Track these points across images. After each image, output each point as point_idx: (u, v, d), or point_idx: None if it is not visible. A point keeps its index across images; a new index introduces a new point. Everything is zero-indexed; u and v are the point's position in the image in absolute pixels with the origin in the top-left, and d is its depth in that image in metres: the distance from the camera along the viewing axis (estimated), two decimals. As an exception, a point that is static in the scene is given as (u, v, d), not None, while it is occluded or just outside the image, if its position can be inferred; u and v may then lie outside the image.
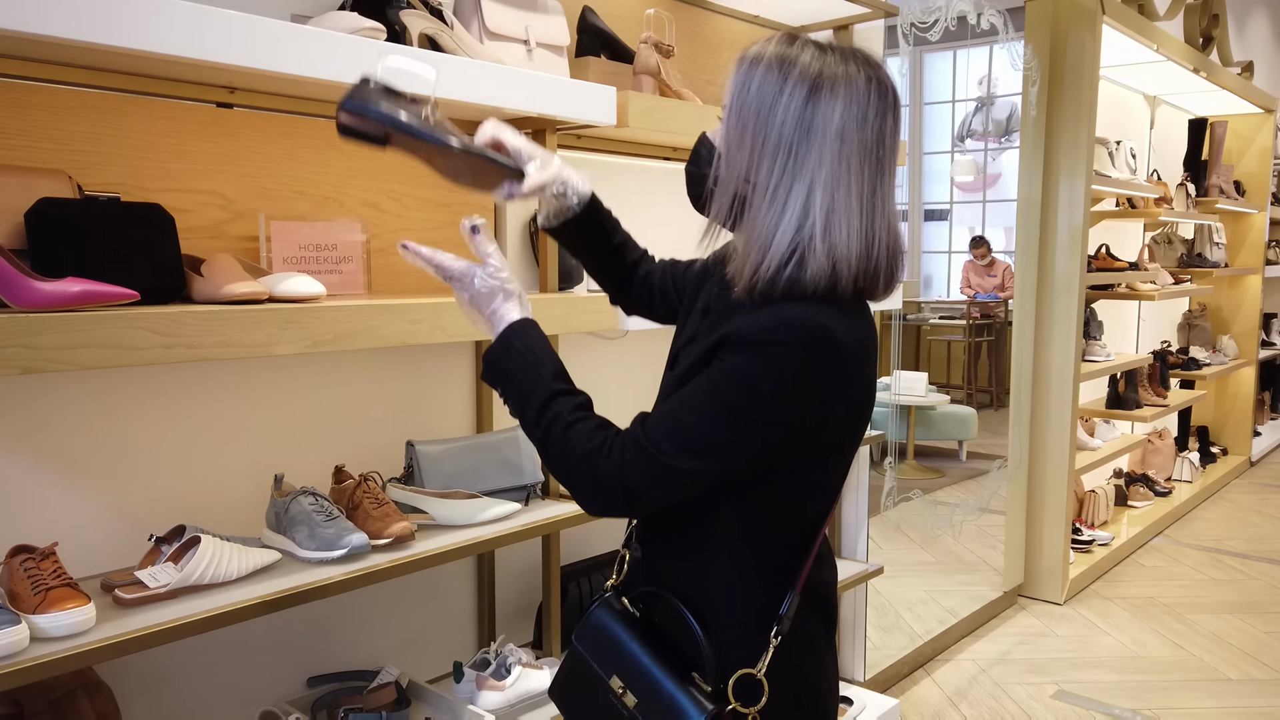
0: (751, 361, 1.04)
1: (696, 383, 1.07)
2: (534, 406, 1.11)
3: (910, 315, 7.25)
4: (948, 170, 8.77)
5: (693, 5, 2.48)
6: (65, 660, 1.23)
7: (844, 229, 1.05)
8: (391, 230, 1.87)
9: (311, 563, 1.54)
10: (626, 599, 1.19)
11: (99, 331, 1.20)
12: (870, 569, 2.78)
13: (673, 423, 1.06)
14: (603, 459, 1.06)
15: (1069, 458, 3.88)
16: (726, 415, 1.04)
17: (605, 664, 1.15)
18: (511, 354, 1.13)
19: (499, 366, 1.14)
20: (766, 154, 1.06)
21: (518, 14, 1.87)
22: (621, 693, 1.12)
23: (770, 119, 1.06)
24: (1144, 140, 5.30)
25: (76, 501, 1.53)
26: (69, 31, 1.17)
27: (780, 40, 1.09)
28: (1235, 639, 3.53)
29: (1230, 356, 5.94)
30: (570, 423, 1.09)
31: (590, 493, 1.09)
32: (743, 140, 1.08)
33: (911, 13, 3.05)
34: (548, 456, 1.11)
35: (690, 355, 1.14)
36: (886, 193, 1.09)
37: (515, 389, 1.13)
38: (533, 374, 1.12)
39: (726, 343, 1.06)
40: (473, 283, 1.16)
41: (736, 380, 1.04)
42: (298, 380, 1.78)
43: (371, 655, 1.94)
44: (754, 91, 1.07)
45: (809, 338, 1.04)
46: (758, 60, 1.08)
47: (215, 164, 1.62)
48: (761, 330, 1.04)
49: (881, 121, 1.07)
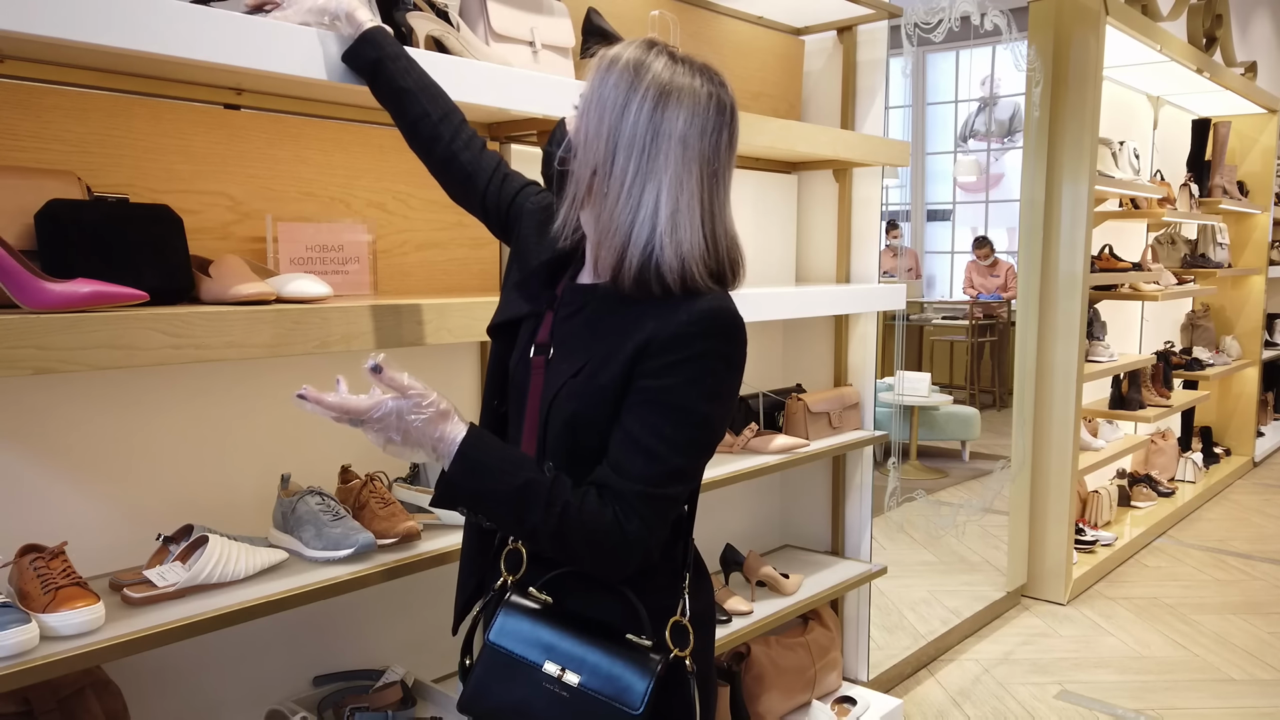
0: (692, 366, 1.12)
1: (645, 411, 1.13)
2: (536, 506, 1.11)
3: (913, 315, 7.25)
4: (950, 170, 8.77)
5: (697, 7, 2.49)
6: (74, 659, 1.23)
7: (688, 228, 1.14)
8: (397, 230, 1.88)
9: (318, 562, 1.55)
10: (534, 589, 1.21)
11: (109, 332, 1.21)
12: (874, 569, 2.79)
13: (649, 459, 1.12)
14: (626, 524, 1.11)
15: (1072, 458, 3.88)
16: (693, 427, 1.14)
17: (534, 654, 1.16)
18: (482, 469, 1.12)
19: (469, 487, 1.13)
20: (620, 150, 1.14)
21: (523, 16, 1.87)
22: (560, 674, 1.15)
23: (624, 118, 1.13)
24: (1147, 141, 5.30)
25: (85, 501, 1.54)
26: (77, 34, 1.17)
27: (639, 45, 1.17)
28: (1239, 639, 3.53)
29: (1233, 357, 5.94)
30: (579, 505, 1.12)
31: (623, 560, 1.13)
32: (599, 133, 1.15)
33: (915, 13, 3.05)
34: (566, 543, 1.12)
35: (596, 362, 1.16)
36: (723, 200, 1.19)
37: (501, 499, 1.12)
38: (515, 477, 1.12)
39: (650, 349, 1.12)
40: (402, 419, 1.10)
41: (689, 389, 1.12)
42: (305, 381, 1.78)
43: (377, 654, 1.94)
44: (610, 89, 1.15)
45: (729, 327, 1.15)
46: (615, 61, 1.16)
47: (223, 165, 1.63)
48: (690, 329, 1.12)
49: (718, 135, 1.16)
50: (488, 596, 1.28)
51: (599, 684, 1.14)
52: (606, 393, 1.15)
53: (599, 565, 1.15)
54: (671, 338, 1.12)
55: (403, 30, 1.62)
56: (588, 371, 1.17)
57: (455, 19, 1.71)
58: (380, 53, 1.41)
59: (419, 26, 1.63)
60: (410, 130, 1.46)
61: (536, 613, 1.19)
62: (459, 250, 1.99)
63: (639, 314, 1.15)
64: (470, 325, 1.63)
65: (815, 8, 2.66)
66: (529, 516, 1.11)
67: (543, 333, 1.25)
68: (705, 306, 1.14)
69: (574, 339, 1.22)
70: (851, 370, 2.88)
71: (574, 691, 1.13)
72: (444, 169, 1.47)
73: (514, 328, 1.31)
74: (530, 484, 1.11)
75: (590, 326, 1.21)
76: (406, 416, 1.09)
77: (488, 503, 1.14)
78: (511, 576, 1.24)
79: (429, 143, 1.45)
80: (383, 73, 1.42)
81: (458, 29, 1.70)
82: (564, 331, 1.23)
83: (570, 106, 1.25)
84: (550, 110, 1.75)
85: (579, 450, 1.17)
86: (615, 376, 1.14)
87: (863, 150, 2.57)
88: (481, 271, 2.04)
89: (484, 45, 1.77)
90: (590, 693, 1.13)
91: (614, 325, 1.17)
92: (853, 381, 2.87)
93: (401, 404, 1.09)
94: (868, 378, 2.86)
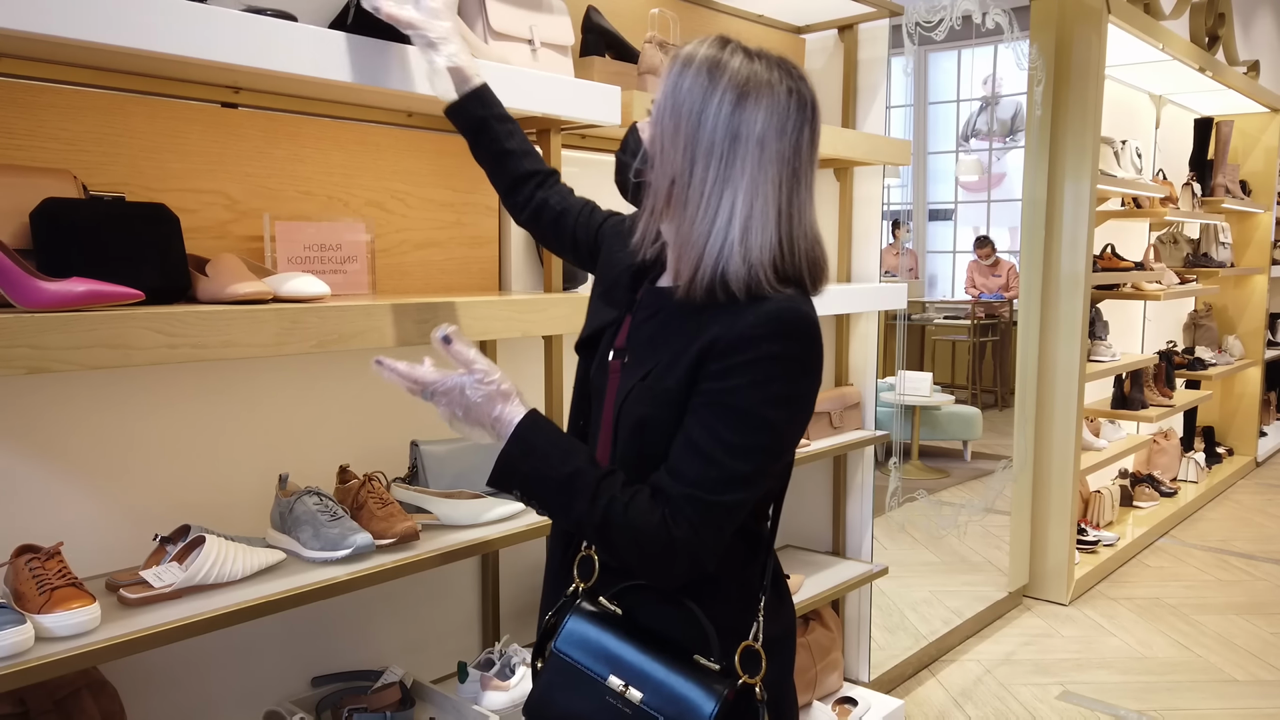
0: (757, 369, 1.08)
1: (707, 415, 1.09)
2: (582, 496, 1.09)
3: (915, 315, 7.24)
4: (952, 170, 8.75)
5: (697, 5, 2.48)
6: (70, 660, 1.23)
7: (759, 233, 1.10)
8: (396, 229, 1.87)
9: (316, 563, 1.54)
10: (604, 598, 1.18)
11: (104, 331, 1.20)
12: (875, 569, 2.78)
13: (704, 463, 1.08)
14: (674, 528, 1.07)
15: (1074, 458, 3.87)
16: (755, 431, 1.08)
17: (599, 666, 1.14)
18: (535, 452, 1.11)
19: (521, 469, 1.11)
20: (699, 156, 1.10)
21: (522, 14, 1.86)
22: (623, 690, 1.12)
23: (702, 122, 1.09)
24: (1149, 140, 5.29)
25: (81, 501, 1.53)
26: (74, 31, 1.17)
27: (713, 43, 1.13)
28: (1241, 640, 3.52)
29: (1236, 356, 5.92)
30: (626, 502, 1.09)
31: (668, 565, 1.09)
32: (675, 141, 1.11)
33: (916, 12, 3.04)
34: (610, 539, 1.10)
35: (663, 366, 1.14)
36: (804, 200, 1.14)
37: (550, 486, 1.10)
38: (568, 465, 1.10)
39: (714, 352, 1.08)
40: (464, 395, 1.11)
41: (753, 393, 1.08)
42: (303, 380, 1.79)
43: (376, 655, 1.94)
44: (685, 92, 1.11)
45: (798, 328, 1.10)
46: (690, 61, 1.12)
47: (220, 164, 1.62)
48: (755, 330, 1.08)
49: (798, 134, 1.11)
50: (560, 602, 1.24)
51: (661, 704, 1.10)
52: (671, 395, 1.12)
53: (645, 568, 1.11)
54: (736, 339, 1.08)
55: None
56: (655, 374, 1.15)
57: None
58: (488, 112, 1.42)
59: (417, 24, 1.62)
60: (508, 188, 1.49)
61: (605, 623, 1.16)
62: (458, 249, 1.98)
63: (708, 317, 1.12)
64: (469, 324, 1.63)
65: (816, 6, 2.65)
66: (575, 505, 1.10)
67: (620, 337, 1.23)
68: (773, 308, 1.10)
69: (647, 342, 1.20)
70: (853, 370, 2.87)
71: (636, 709, 1.10)
72: (535, 220, 1.49)
73: (598, 340, 1.29)
74: (579, 473, 1.10)
75: (662, 329, 1.18)
76: (467, 392, 1.09)
77: (537, 488, 1.12)
78: (583, 583, 1.21)
79: (525, 201, 1.48)
80: (488, 132, 1.43)
81: (456, 27, 1.69)
82: (640, 335, 1.22)
83: (643, 111, 1.25)
84: (549, 108, 1.74)
85: (648, 454, 1.14)
86: (680, 379, 1.11)
87: (864, 149, 2.56)
88: (481, 271, 2.03)
89: (482, 43, 1.77)
90: (652, 712, 1.10)
91: (683, 328, 1.15)
92: (854, 381, 2.86)
93: (465, 379, 1.10)
94: (869, 377, 2.85)
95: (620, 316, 1.26)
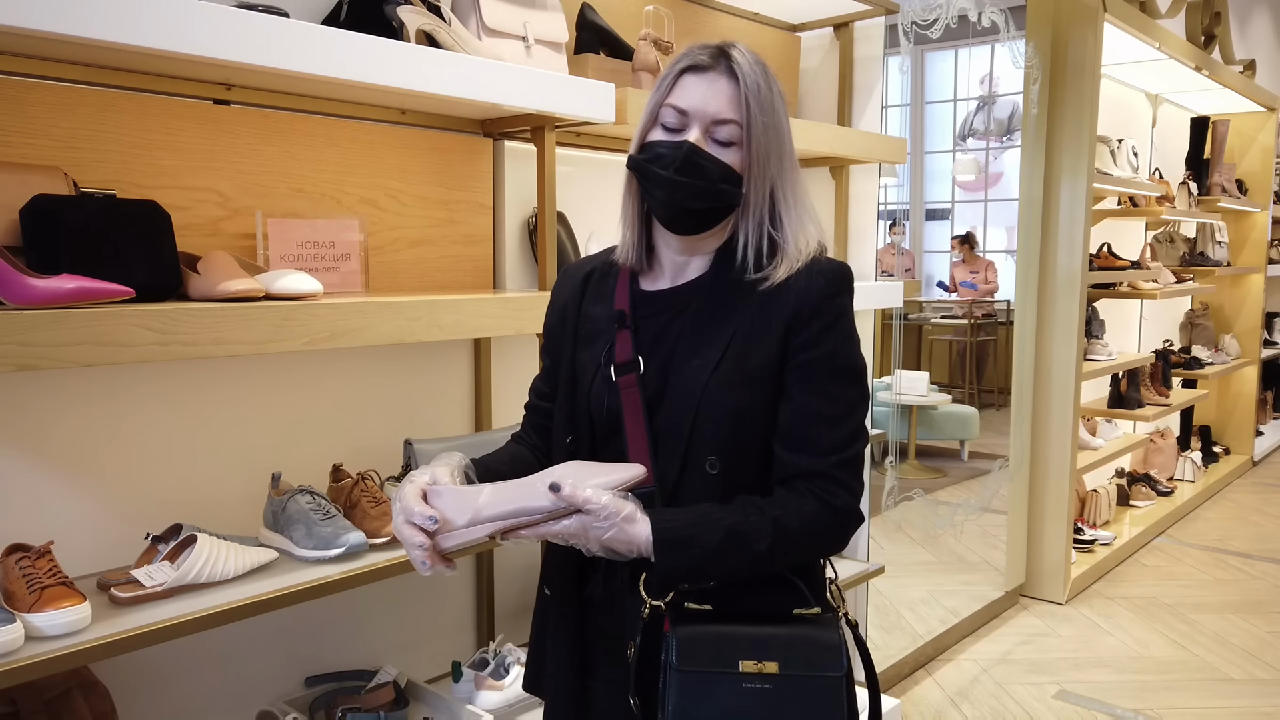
0: (842, 325, 1.17)
1: (818, 381, 1.15)
2: (751, 540, 1.10)
3: (911, 314, 7.24)
4: (949, 169, 8.76)
5: (692, 2, 2.47)
6: (61, 659, 1.22)
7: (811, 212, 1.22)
8: (389, 227, 1.86)
9: (309, 561, 1.54)
10: (689, 604, 1.16)
11: (94, 329, 1.19)
12: (871, 569, 2.77)
13: (833, 425, 1.15)
14: (833, 499, 1.13)
15: (1071, 457, 3.86)
16: (857, 381, 1.18)
17: (725, 662, 1.13)
18: (687, 546, 1.09)
19: (683, 565, 1.09)
20: (786, 162, 1.18)
21: (516, 10, 1.86)
22: (759, 668, 1.13)
23: (783, 126, 1.18)
24: (1146, 139, 5.29)
25: (72, 500, 1.52)
26: (64, 27, 1.16)
27: (746, 49, 1.18)
28: (1238, 639, 3.52)
29: (1232, 356, 5.93)
30: (782, 512, 1.12)
31: (841, 533, 1.16)
32: (780, 150, 1.18)
33: (912, 10, 3.04)
34: (791, 552, 1.14)
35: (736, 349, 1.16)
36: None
37: (716, 558, 1.10)
38: (714, 530, 1.09)
39: (799, 321, 1.15)
40: (590, 532, 1.07)
41: (845, 347, 1.17)
42: (295, 378, 1.78)
43: (369, 655, 1.93)
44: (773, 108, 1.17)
45: (850, 277, 1.20)
46: (765, 70, 1.18)
47: (212, 161, 1.61)
48: (829, 289, 1.16)
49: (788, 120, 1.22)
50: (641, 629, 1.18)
51: (796, 661, 1.13)
52: (761, 372, 1.15)
53: (825, 550, 1.19)
54: (818, 304, 1.15)
55: (394, 25, 1.61)
56: (731, 356, 1.15)
57: (448, 14, 1.70)
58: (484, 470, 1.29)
59: (410, 21, 1.61)
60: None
61: (705, 624, 1.16)
62: (452, 247, 1.97)
63: (767, 293, 1.17)
64: (462, 322, 1.62)
65: (812, 4, 2.65)
66: (748, 552, 1.10)
67: (622, 351, 1.21)
68: (827, 266, 1.18)
69: (690, 336, 1.18)
70: (849, 369, 2.86)
71: (776, 679, 1.12)
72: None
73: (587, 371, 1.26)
74: (731, 527, 1.10)
75: (707, 319, 1.18)
76: (591, 531, 1.07)
77: (708, 569, 1.11)
78: (660, 600, 1.16)
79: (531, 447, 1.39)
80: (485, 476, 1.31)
81: (450, 24, 1.69)
82: (669, 335, 1.20)
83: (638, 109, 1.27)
84: (543, 106, 1.73)
85: (745, 439, 1.15)
86: (770, 356, 1.15)
87: (859, 147, 2.55)
88: (474, 269, 2.02)
89: (476, 40, 1.76)
90: (793, 675, 1.13)
91: (740, 309, 1.17)
92: (850, 380, 2.85)
93: (584, 519, 1.06)
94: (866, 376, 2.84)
95: (610, 338, 1.23)
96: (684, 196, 1.16)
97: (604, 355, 1.23)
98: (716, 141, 1.16)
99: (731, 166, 1.16)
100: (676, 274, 1.24)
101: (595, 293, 1.29)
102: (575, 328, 1.28)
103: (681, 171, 1.15)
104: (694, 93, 1.15)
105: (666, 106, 1.17)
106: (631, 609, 1.18)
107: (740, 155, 1.16)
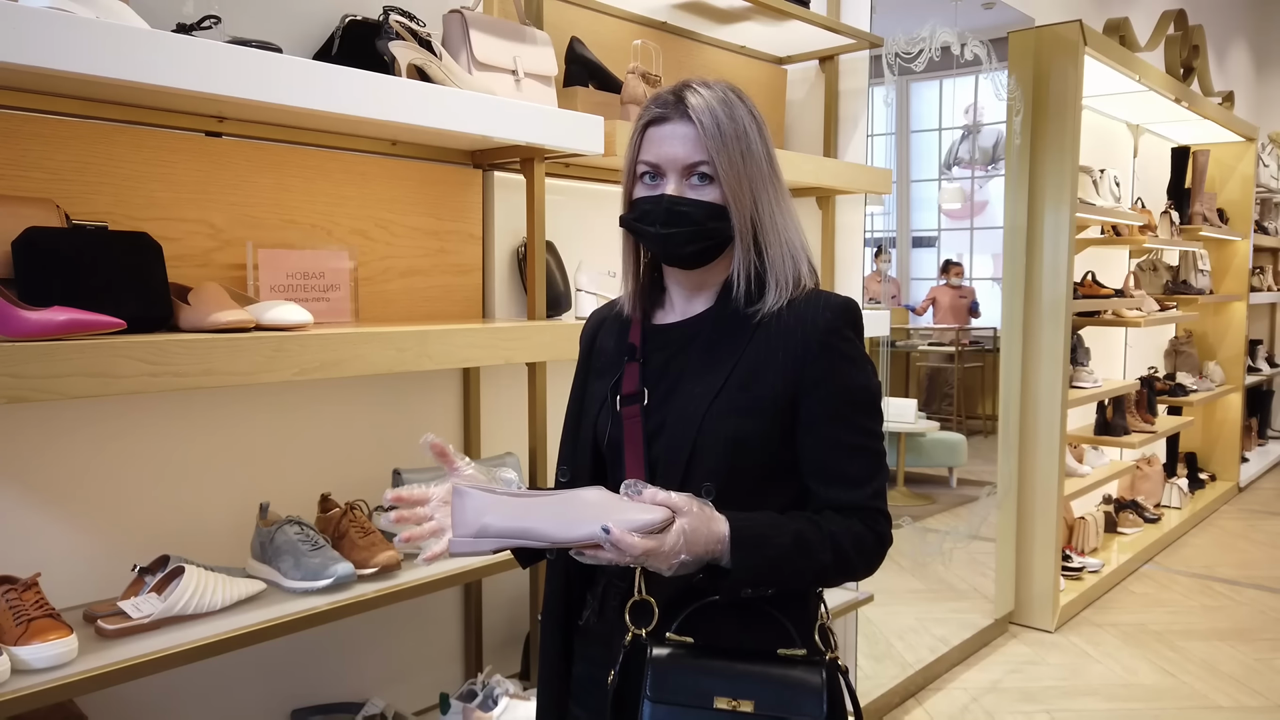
0: (850, 352, 1.19)
1: (837, 409, 1.16)
2: (817, 548, 1.11)
3: (899, 342, 7.27)
4: (935, 197, 8.83)
5: (680, 36, 2.51)
6: (47, 692, 1.21)
7: (801, 235, 1.25)
8: (379, 257, 1.87)
9: (297, 593, 1.53)
10: (670, 634, 1.16)
11: (85, 360, 1.20)
12: (860, 597, 2.77)
13: (863, 455, 1.17)
14: (876, 527, 1.16)
15: (1058, 484, 3.88)
16: (875, 406, 1.19)
17: (700, 696, 1.12)
18: (763, 545, 1.09)
19: (760, 566, 1.09)
20: (767, 187, 1.20)
21: (506, 45, 1.88)
22: (734, 706, 1.12)
23: (756, 149, 1.19)
24: (1128, 168, 5.36)
25: (59, 531, 1.52)
26: (58, 62, 1.17)
27: (710, 82, 1.21)
28: (1226, 666, 3.53)
29: (1217, 382, 5.97)
30: (838, 530, 1.14)
31: (880, 557, 1.20)
32: (759, 174, 1.19)
33: (896, 43, 3.09)
34: (846, 571, 1.16)
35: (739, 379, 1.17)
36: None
37: (793, 565, 1.11)
38: (788, 539, 1.11)
39: (809, 354, 1.16)
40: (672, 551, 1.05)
41: (859, 374, 1.18)
42: (284, 409, 1.78)
43: (357, 686, 1.92)
44: (743, 126, 1.18)
45: (855, 309, 1.22)
46: (728, 99, 1.19)
47: (204, 193, 1.62)
48: (834, 322, 1.18)
49: (770, 143, 1.23)
50: (621, 658, 1.18)
51: (773, 702, 1.12)
52: (764, 403, 1.16)
53: (865, 573, 1.21)
54: (825, 337, 1.17)
55: (385, 59, 1.63)
56: (734, 385, 1.16)
57: (438, 48, 1.72)
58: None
59: (402, 56, 1.64)
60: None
61: (686, 657, 1.15)
62: (442, 277, 1.99)
63: (771, 323, 1.18)
64: (451, 352, 1.63)
65: (797, 38, 2.69)
66: (814, 560, 1.11)
67: (629, 383, 1.23)
68: (828, 299, 1.20)
69: (694, 367, 1.20)
70: (836, 397, 2.87)
71: (750, 719, 1.11)
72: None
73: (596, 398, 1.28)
74: (798, 533, 1.11)
75: (712, 349, 1.20)
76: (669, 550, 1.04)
77: (780, 571, 1.11)
78: (642, 629, 1.17)
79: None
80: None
81: (441, 58, 1.71)
82: (673, 366, 1.22)
83: (624, 141, 1.25)
84: (533, 138, 1.75)
85: (735, 470, 1.15)
86: (776, 386, 1.16)
87: (845, 178, 2.59)
88: (464, 299, 2.03)
89: (467, 74, 1.78)
90: (768, 717, 1.11)
91: (744, 339, 1.19)
92: (838, 408, 2.86)
93: (681, 522, 1.05)
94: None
95: (619, 371, 1.25)
96: (677, 244, 1.19)
97: (611, 387, 1.25)
98: (696, 181, 1.18)
99: (714, 203, 1.18)
100: (685, 308, 1.26)
101: (610, 329, 1.32)
102: (588, 363, 1.33)
103: (667, 224, 1.17)
104: (659, 146, 1.18)
105: (640, 163, 1.20)
106: (620, 639, 1.18)
107: (720, 190, 1.18)
